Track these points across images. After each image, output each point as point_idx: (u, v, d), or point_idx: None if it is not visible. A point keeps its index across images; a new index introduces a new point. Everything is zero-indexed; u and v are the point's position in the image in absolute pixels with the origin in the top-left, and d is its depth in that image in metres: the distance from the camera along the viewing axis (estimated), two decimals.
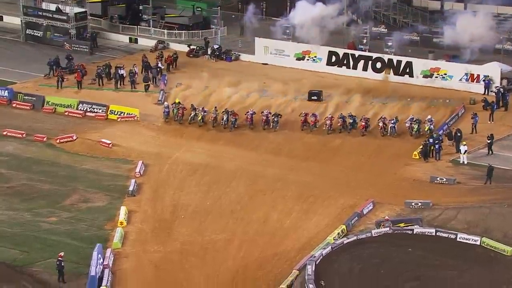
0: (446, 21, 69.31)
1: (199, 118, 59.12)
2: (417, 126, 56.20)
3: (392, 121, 56.60)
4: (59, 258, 39.66)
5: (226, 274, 40.72)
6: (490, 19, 67.58)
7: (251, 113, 58.70)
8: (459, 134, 54.05)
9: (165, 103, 61.04)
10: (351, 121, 57.48)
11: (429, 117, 56.51)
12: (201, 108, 59.66)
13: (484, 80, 62.18)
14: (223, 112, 59.13)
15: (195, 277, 40.52)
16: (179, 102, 60.34)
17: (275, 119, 58.25)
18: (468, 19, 67.11)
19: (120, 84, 65.15)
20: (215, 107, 59.78)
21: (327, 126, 57.51)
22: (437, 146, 53.11)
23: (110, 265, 40.94)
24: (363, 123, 56.87)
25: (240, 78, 66.81)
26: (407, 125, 56.80)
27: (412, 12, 77.19)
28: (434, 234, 43.67)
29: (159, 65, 67.47)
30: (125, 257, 42.41)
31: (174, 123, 59.58)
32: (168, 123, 59.65)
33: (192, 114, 59.38)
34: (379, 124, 57.09)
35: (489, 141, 53.23)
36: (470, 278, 39.70)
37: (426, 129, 55.81)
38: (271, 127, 58.37)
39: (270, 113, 58.85)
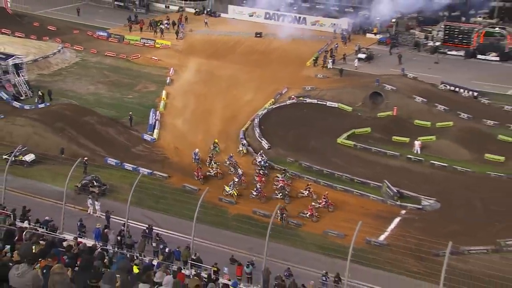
0: None
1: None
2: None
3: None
4: (129, 114, 40.30)
5: (217, 124, 40.83)
6: None
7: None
8: (333, 53, 52.52)
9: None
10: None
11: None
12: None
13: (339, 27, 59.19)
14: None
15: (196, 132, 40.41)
16: (217, 143, 36.84)
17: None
18: None
19: (162, 33, 59.95)
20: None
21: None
22: (330, 61, 50.47)
23: (158, 119, 41.04)
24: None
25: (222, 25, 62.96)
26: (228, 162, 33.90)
27: None
28: (316, 102, 43.99)
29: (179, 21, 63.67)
30: (166, 115, 42.41)
31: None
32: None
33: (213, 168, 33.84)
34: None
35: (344, 56, 51.79)
36: (332, 123, 40.64)
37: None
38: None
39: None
